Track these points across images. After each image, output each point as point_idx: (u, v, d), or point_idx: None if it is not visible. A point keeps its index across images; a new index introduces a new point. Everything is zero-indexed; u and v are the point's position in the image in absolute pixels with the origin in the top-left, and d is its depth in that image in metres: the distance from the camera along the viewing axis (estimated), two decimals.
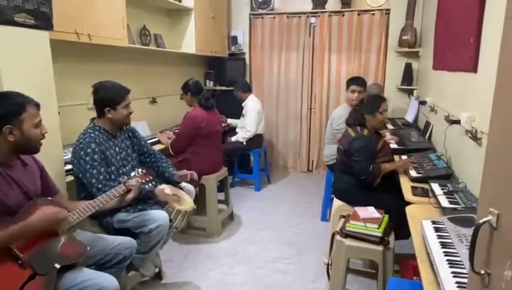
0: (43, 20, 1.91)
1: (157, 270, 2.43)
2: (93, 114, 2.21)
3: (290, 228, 3.34)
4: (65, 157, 2.18)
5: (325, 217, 3.46)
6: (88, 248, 1.60)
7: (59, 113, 2.12)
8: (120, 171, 2.14)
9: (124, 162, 2.19)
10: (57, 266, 1.47)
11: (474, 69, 2.04)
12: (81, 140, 2.02)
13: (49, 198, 1.62)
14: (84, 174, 1.98)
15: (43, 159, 1.72)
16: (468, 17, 2.16)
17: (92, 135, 2.04)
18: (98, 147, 2.01)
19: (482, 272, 0.80)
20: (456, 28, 2.48)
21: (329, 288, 2.14)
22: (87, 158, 1.97)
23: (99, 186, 1.97)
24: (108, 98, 2.07)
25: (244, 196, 4.12)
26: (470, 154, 2.03)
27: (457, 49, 2.41)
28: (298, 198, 4.08)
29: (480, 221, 0.78)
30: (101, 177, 1.98)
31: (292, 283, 2.50)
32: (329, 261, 2.17)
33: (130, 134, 2.32)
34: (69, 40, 2.27)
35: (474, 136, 1.90)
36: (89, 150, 1.98)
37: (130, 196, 1.90)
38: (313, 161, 5.00)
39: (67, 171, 2.16)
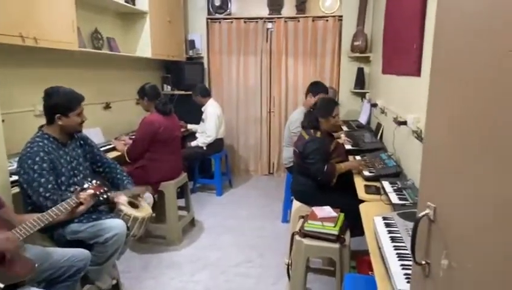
0: None
1: (114, 282, 2.34)
2: (41, 121, 2.09)
3: (251, 231, 3.36)
4: (10, 168, 2.05)
5: (285, 219, 3.52)
6: (37, 265, 1.52)
7: (3, 121, 1.99)
8: (71, 181, 2.04)
9: (76, 171, 2.09)
10: (1, 285, 1.37)
11: (418, 73, 2.18)
12: (29, 149, 1.90)
13: None
14: (30, 184, 1.87)
15: None
16: (412, 24, 2.31)
17: (41, 143, 1.93)
18: (46, 156, 1.91)
19: (423, 262, 0.86)
20: (401, 35, 2.64)
21: (290, 288, 2.18)
22: (35, 167, 1.86)
23: (47, 195, 1.87)
24: (60, 104, 1.98)
25: (206, 201, 4.08)
26: (416, 153, 2.16)
27: (403, 54, 2.56)
28: (259, 201, 4.11)
29: (420, 215, 0.84)
30: (49, 186, 1.88)
31: (254, 286, 2.52)
32: (290, 262, 2.21)
33: (81, 142, 2.22)
34: (13, 43, 2.14)
35: (419, 136, 2.03)
36: (37, 159, 1.87)
37: (82, 208, 1.81)
38: (273, 163, 5.07)
39: (12, 182, 2.02)
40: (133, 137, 3.16)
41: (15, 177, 2.00)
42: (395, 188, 2.05)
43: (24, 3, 2.21)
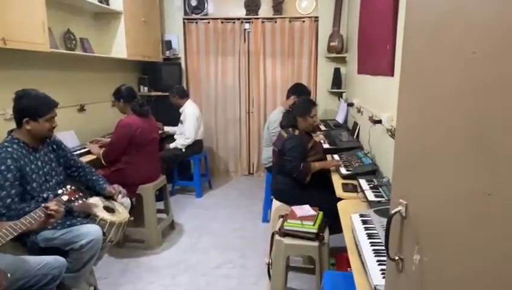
0: None
1: (92, 289, 2.29)
2: (12, 125, 2.02)
3: (232, 232, 3.36)
4: None
5: (266, 219, 3.53)
6: (9, 275, 1.46)
7: None
8: (43, 187, 1.97)
9: (48, 177, 2.03)
10: None
11: (392, 73, 2.24)
12: None
13: None
14: None
15: None
16: (384, 25, 2.37)
17: (9, 149, 1.86)
18: (14, 163, 1.83)
19: (396, 258, 0.88)
20: (375, 36, 2.70)
21: (271, 287, 2.19)
22: None
23: (3, 211, 1.77)
24: (29, 107, 1.90)
25: (185, 204, 4.04)
26: (390, 151, 2.20)
27: (377, 55, 2.62)
28: (240, 202, 4.11)
29: (392, 211, 0.86)
30: (8, 200, 1.78)
31: (236, 287, 2.52)
32: (270, 261, 2.22)
33: (54, 146, 2.15)
34: None
35: (393, 134, 2.08)
36: (2, 167, 1.79)
37: (52, 220, 1.72)
38: (253, 163, 5.08)
39: None
40: (109, 139, 3.09)
41: None
42: (371, 185, 2.10)
43: None
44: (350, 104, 3.69)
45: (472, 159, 0.62)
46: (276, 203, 2.64)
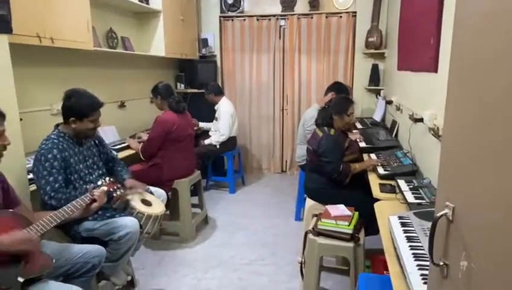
0: (1, 24, 1.83)
1: (129, 278, 2.37)
2: (58, 120, 2.13)
3: (264, 229, 3.36)
4: (28, 166, 2.09)
5: (299, 217, 3.50)
6: (53, 260, 1.54)
7: (21, 119, 2.04)
8: (86, 179, 2.07)
9: (90, 170, 2.13)
10: (20, 279, 1.40)
11: (435, 69, 2.13)
12: (43, 145, 1.94)
13: (10, 210, 1.55)
14: (40, 180, 1.90)
15: (4, 167, 1.64)
16: (428, 19, 2.25)
17: (56, 141, 1.97)
18: (60, 153, 1.94)
19: (441, 263, 0.83)
20: (417, 30, 2.59)
21: (303, 287, 2.17)
22: (46, 164, 1.90)
23: (52, 194, 1.89)
24: (77, 108, 2.00)
25: (219, 199, 4.10)
26: (432, 151, 2.11)
27: (419, 50, 2.51)
28: (272, 199, 4.10)
29: (438, 215, 0.81)
30: (56, 185, 1.91)
31: (267, 284, 2.51)
32: (303, 260, 2.19)
33: (97, 142, 2.26)
34: (31, 43, 2.18)
35: (436, 134, 1.98)
36: (49, 156, 1.91)
37: (95, 205, 1.82)
38: (286, 161, 5.05)
39: (30, 180, 2.06)
40: (147, 134, 3.19)
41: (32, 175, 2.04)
42: (411, 186, 2.01)
43: (41, 4, 2.25)
44: (389, 102, 3.56)
45: None
46: (309, 202, 2.61)
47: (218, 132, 4.05)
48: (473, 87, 0.74)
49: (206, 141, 4.05)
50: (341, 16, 4.50)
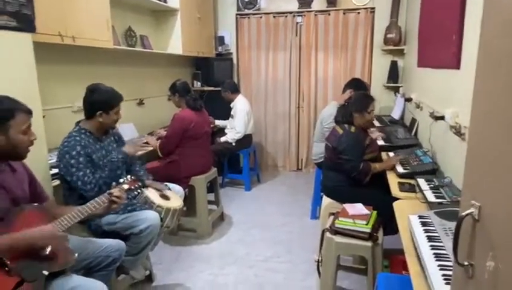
0: (25, 23, 1.88)
1: (147, 273, 2.42)
2: (79, 117, 2.18)
3: (280, 226, 3.35)
4: (50, 162, 2.15)
5: (314, 215, 3.48)
6: (76, 255, 1.58)
7: (44, 116, 2.09)
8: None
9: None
10: (45, 272, 1.44)
11: (457, 66, 2.08)
12: (66, 143, 1.99)
13: (36, 204, 1.60)
14: (70, 177, 1.96)
15: (28, 163, 1.69)
16: (450, 14, 2.20)
17: (77, 138, 2.01)
18: (83, 149, 1.99)
19: (466, 263, 0.81)
20: (438, 26, 2.53)
21: (320, 285, 2.16)
22: (73, 161, 1.95)
23: (87, 187, 1.96)
24: (102, 101, 2.06)
25: (235, 196, 4.11)
26: (454, 149, 2.07)
27: (441, 46, 2.45)
28: (288, 197, 4.10)
29: (463, 213, 0.80)
30: (86, 178, 1.97)
31: (283, 282, 2.51)
32: (320, 259, 2.18)
33: (116, 137, 2.30)
34: (53, 42, 2.23)
35: (458, 132, 1.94)
36: (74, 153, 1.95)
37: (115, 206, 1.81)
38: (302, 159, 5.03)
39: (53, 175, 2.12)
40: (165, 131, 3.23)
41: (55, 171, 2.10)
42: (431, 185, 1.97)
43: (62, 4, 2.30)
44: (408, 99, 3.50)
45: None
46: (326, 200, 2.59)
47: (234, 129, 4.06)
48: (502, 83, 0.72)
49: (222, 139, 4.07)
50: (359, 12, 4.44)
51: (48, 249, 1.48)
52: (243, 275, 2.59)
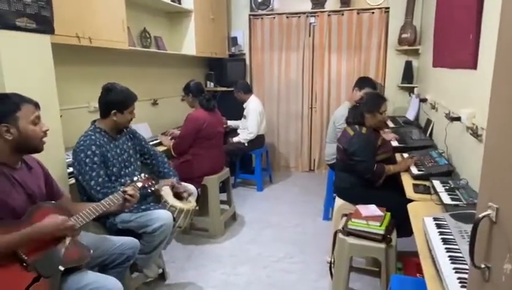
0: (44, 24, 1.93)
1: (160, 271, 2.44)
2: (94, 117, 2.22)
3: (292, 227, 3.35)
4: (67, 160, 2.19)
5: (327, 216, 3.46)
6: (91, 251, 1.61)
7: (61, 116, 2.14)
8: (122, 173, 2.15)
9: (126, 163, 2.20)
10: (61, 268, 1.48)
11: (474, 66, 2.04)
12: (82, 142, 2.03)
13: (53, 201, 1.64)
14: (83, 176, 1.99)
15: (45, 161, 1.73)
16: (467, 13, 2.16)
17: (93, 137, 2.05)
18: (98, 149, 2.02)
19: (482, 266, 0.80)
20: (455, 25, 2.48)
21: (332, 286, 2.15)
22: (87, 160, 1.98)
23: (98, 188, 1.98)
24: (118, 101, 2.10)
25: (247, 196, 4.12)
26: (470, 151, 2.03)
27: (457, 46, 2.41)
28: (300, 197, 4.08)
29: (480, 215, 0.78)
30: (100, 179, 1.99)
31: (296, 282, 2.51)
32: (332, 260, 2.17)
33: (131, 135, 2.33)
34: (70, 43, 2.28)
35: (475, 133, 1.90)
36: (89, 152, 1.99)
37: (128, 204, 1.85)
38: (314, 160, 5.01)
39: (69, 173, 2.17)
40: (179, 131, 3.26)
41: (72, 169, 2.14)
42: (446, 187, 1.94)
43: (79, 5, 2.35)
44: (423, 100, 3.45)
45: None
46: (339, 201, 2.57)
47: (246, 129, 4.07)
48: None
49: (235, 139, 4.08)
50: (373, 12, 4.40)
51: (67, 241, 1.51)
52: (255, 275, 2.59)
